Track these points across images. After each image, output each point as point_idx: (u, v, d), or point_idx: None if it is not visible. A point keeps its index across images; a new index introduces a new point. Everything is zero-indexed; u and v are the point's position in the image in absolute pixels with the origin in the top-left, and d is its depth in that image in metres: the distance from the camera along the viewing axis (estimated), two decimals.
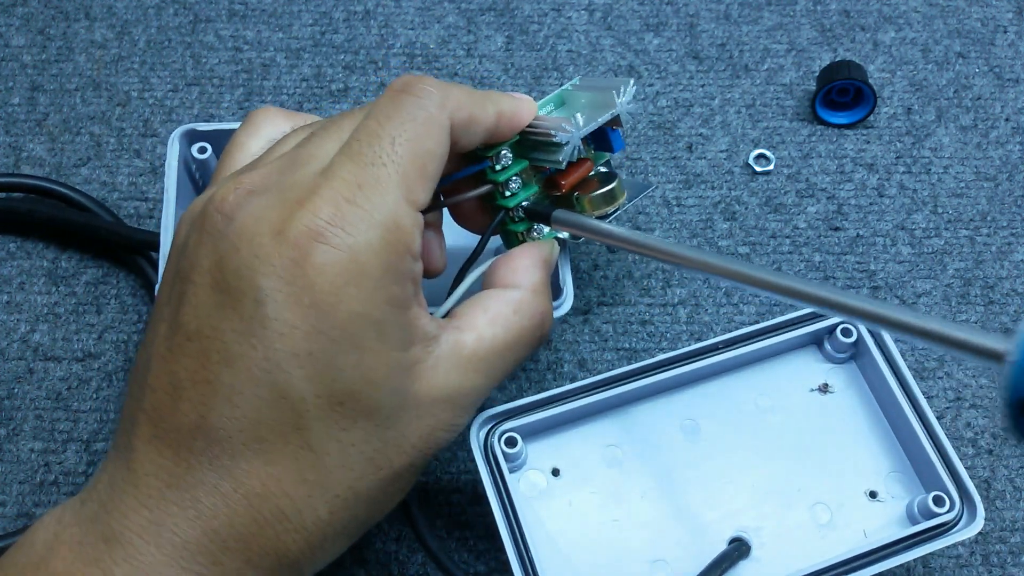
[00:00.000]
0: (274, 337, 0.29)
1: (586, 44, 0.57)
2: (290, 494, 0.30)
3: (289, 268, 0.29)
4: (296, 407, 0.29)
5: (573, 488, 0.39)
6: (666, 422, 0.40)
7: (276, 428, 0.29)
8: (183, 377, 0.30)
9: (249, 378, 0.29)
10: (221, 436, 0.29)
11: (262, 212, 0.30)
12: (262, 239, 0.29)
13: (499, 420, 0.38)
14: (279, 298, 0.29)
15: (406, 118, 0.32)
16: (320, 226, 0.29)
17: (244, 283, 0.29)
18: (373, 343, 0.30)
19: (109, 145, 0.52)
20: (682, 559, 0.38)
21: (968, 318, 0.49)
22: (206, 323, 0.30)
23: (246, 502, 0.29)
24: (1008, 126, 0.55)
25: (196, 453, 0.29)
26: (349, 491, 0.31)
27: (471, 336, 0.33)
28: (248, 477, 0.29)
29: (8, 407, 0.45)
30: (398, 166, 0.31)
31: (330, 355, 0.29)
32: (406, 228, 0.31)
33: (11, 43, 0.55)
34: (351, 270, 0.29)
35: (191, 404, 0.30)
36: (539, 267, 0.36)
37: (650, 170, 0.53)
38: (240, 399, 0.29)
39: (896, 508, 0.39)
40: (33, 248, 0.49)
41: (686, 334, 0.48)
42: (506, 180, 0.37)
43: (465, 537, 0.43)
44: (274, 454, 0.30)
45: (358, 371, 0.30)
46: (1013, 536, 0.44)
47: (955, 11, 0.59)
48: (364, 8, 0.57)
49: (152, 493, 0.30)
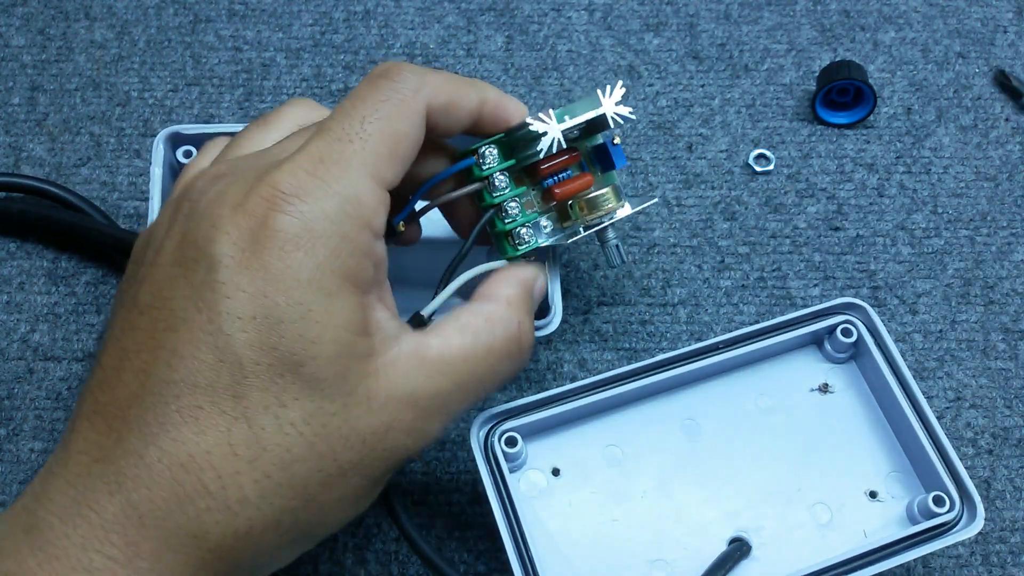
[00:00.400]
0: (220, 300, 0.28)
1: (586, 44, 0.57)
2: (216, 467, 0.28)
3: (244, 235, 0.29)
4: (234, 372, 0.28)
5: (573, 488, 0.39)
6: (666, 422, 0.40)
7: (212, 394, 0.28)
8: (130, 349, 0.30)
9: (191, 339, 0.28)
10: (155, 401, 0.28)
11: (225, 189, 0.30)
12: (221, 210, 0.30)
13: (499, 420, 0.38)
14: (230, 263, 0.29)
15: (379, 99, 0.32)
16: (278, 196, 0.29)
17: (200, 252, 0.29)
18: (321, 314, 0.29)
19: (109, 145, 0.52)
20: (682, 559, 0.38)
21: (968, 318, 0.49)
22: (159, 295, 0.30)
23: (169, 473, 0.28)
24: (1008, 126, 0.55)
25: (129, 422, 0.28)
26: (283, 473, 0.29)
27: (437, 340, 0.32)
28: (174, 446, 0.28)
29: (8, 407, 0.45)
30: (365, 143, 0.31)
31: (274, 320, 0.28)
32: (367, 203, 0.30)
33: (11, 43, 0.55)
34: (304, 236, 0.29)
35: (132, 373, 0.29)
36: (517, 284, 0.35)
37: (650, 170, 0.53)
38: (179, 362, 0.28)
39: (896, 508, 0.39)
40: (33, 248, 0.49)
41: (686, 334, 0.48)
42: (492, 177, 0.36)
43: (465, 537, 0.43)
44: (206, 423, 0.28)
45: (302, 342, 0.29)
46: (1013, 536, 0.44)
47: (955, 11, 0.59)
48: (364, 8, 0.57)
49: (80, 471, 0.29)
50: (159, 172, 0.44)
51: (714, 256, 0.50)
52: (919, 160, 0.54)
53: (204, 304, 0.29)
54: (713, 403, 0.41)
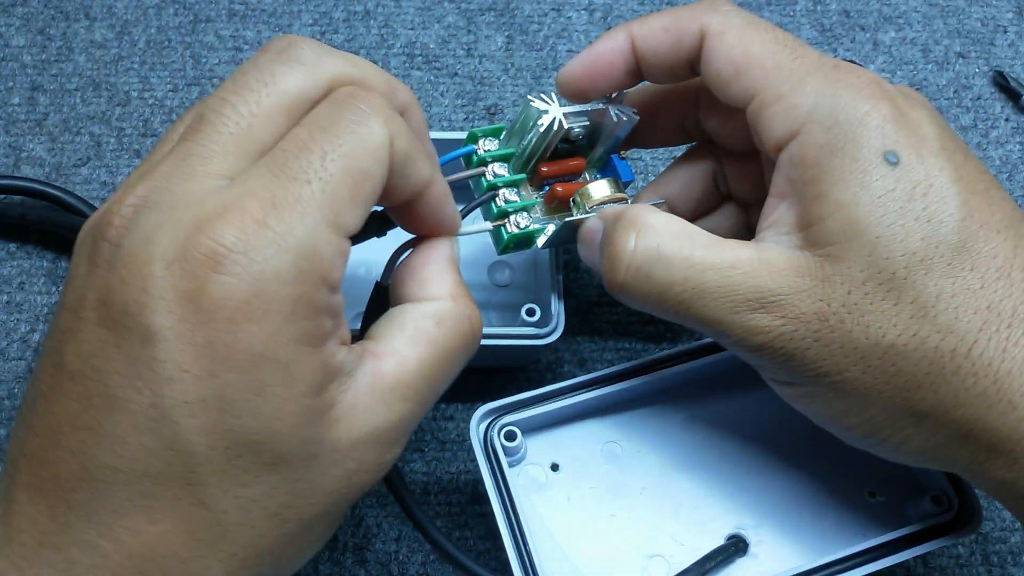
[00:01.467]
0: (162, 382, 0.25)
1: (586, 44, 0.57)
2: (179, 555, 0.26)
3: (182, 303, 0.25)
4: (187, 461, 0.26)
5: (572, 483, 0.39)
6: (666, 419, 0.40)
7: (164, 482, 0.26)
8: (63, 421, 0.27)
9: (134, 426, 0.26)
10: (102, 489, 0.26)
11: (152, 235, 0.26)
12: (152, 268, 0.25)
13: (499, 414, 0.38)
14: (169, 336, 0.25)
15: (343, 131, 0.28)
16: (220, 252, 0.25)
17: (131, 320, 0.25)
18: (277, 388, 0.26)
19: (109, 145, 0.52)
20: (680, 555, 0.38)
21: None
22: (88, 363, 0.26)
23: (129, 564, 0.26)
24: (1008, 126, 0.55)
25: (75, 507, 0.26)
26: (249, 549, 0.27)
27: (390, 362, 0.29)
28: (130, 536, 0.26)
29: (8, 407, 0.45)
30: (325, 183, 0.27)
31: (226, 402, 0.26)
32: (323, 256, 0.27)
33: (11, 43, 0.55)
34: (253, 304, 0.25)
35: (70, 452, 0.26)
36: (449, 270, 0.32)
37: (650, 170, 0.53)
38: (124, 449, 0.26)
39: (895, 508, 0.39)
40: (33, 249, 0.49)
41: (686, 333, 0.48)
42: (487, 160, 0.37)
43: (465, 537, 0.43)
44: (161, 512, 0.26)
45: (259, 420, 0.26)
46: (1013, 536, 0.44)
47: (955, 11, 0.59)
48: (364, 8, 0.58)
49: (25, 554, 0.26)
50: None
51: None
52: None
53: (143, 385, 0.25)
54: (713, 401, 0.41)
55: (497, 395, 0.39)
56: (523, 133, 0.36)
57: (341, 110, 0.28)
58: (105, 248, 0.27)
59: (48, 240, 0.49)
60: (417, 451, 0.45)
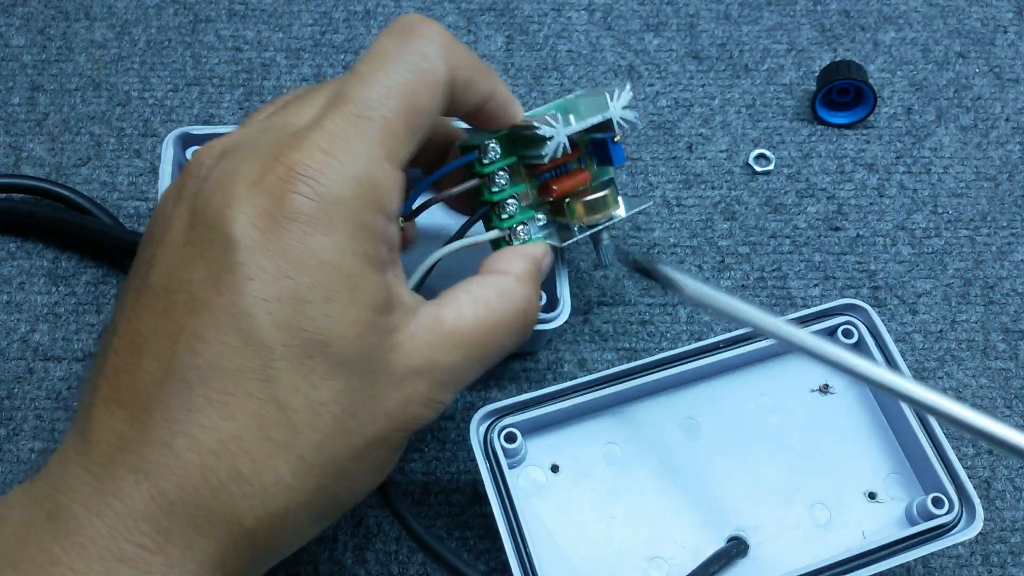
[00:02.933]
0: (242, 282, 0.27)
1: (586, 44, 0.57)
2: (249, 452, 0.28)
3: (261, 215, 0.28)
4: (262, 355, 0.28)
5: (572, 484, 0.39)
6: (666, 420, 0.40)
7: (240, 378, 0.28)
8: (146, 332, 0.28)
9: (214, 324, 0.27)
10: (180, 388, 0.27)
11: (237, 165, 0.29)
12: (236, 188, 0.28)
13: (499, 416, 0.38)
14: (249, 243, 0.28)
15: (404, 68, 0.30)
16: (293, 174, 0.28)
17: (215, 232, 0.28)
18: (344, 295, 0.28)
19: (109, 145, 0.52)
20: (680, 557, 0.38)
21: (968, 318, 0.49)
22: (174, 277, 0.29)
23: (199, 460, 0.27)
24: (1008, 126, 0.55)
25: (152, 410, 0.28)
26: (317, 454, 0.29)
27: (452, 312, 0.32)
28: (204, 433, 0.27)
29: (8, 407, 0.45)
30: (384, 119, 0.30)
31: (299, 301, 0.28)
32: (381, 186, 0.30)
33: (11, 43, 0.55)
34: (321, 219, 0.28)
35: (152, 358, 0.28)
36: (525, 259, 0.35)
37: (650, 170, 0.53)
38: (203, 347, 0.27)
39: (895, 509, 0.39)
40: (33, 248, 0.49)
41: (686, 334, 0.48)
42: (492, 174, 0.36)
43: (465, 537, 0.43)
44: (236, 407, 0.27)
45: (328, 322, 0.28)
46: (1013, 536, 0.44)
47: (955, 11, 0.59)
48: (364, 8, 0.57)
49: (102, 460, 0.28)
50: (168, 171, 0.44)
51: (714, 256, 0.50)
52: (919, 160, 0.54)
53: (225, 286, 0.28)
54: (713, 402, 0.41)
55: (497, 396, 0.39)
56: (525, 147, 0.36)
57: (402, 44, 0.31)
58: (192, 183, 0.30)
59: (49, 240, 0.49)
60: (417, 451, 0.45)
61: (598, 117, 0.36)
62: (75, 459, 0.28)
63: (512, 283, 0.34)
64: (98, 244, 0.49)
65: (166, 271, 0.29)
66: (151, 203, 0.51)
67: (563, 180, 0.37)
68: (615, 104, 0.36)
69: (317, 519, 0.31)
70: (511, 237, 0.37)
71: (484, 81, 0.33)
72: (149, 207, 0.51)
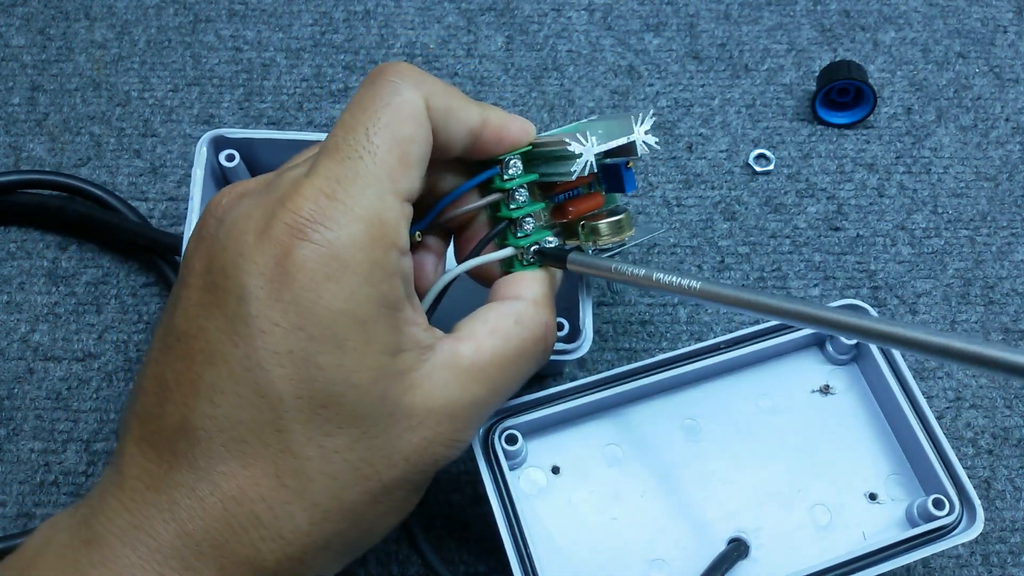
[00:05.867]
0: (255, 335, 0.28)
1: (586, 44, 0.57)
2: (267, 499, 0.29)
3: (271, 265, 0.29)
4: (276, 407, 0.29)
5: (573, 486, 0.39)
6: (667, 422, 0.40)
7: (255, 429, 0.29)
8: (169, 378, 0.30)
9: (230, 376, 0.29)
10: (201, 437, 0.29)
11: (249, 211, 0.30)
12: (247, 237, 0.29)
13: (500, 417, 0.38)
14: (261, 295, 0.28)
15: (380, 105, 0.31)
16: (301, 223, 0.29)
17: (229, 282, 0.29)
18: (357, 343, 0.29)
19: (109, 145, 0.52)
20: (681, 559, 0.38)
21: (968, 318, 0.49)
22: (193, 323, 0.30)
23: (221, 506, 0.29)
24: (1008, 126, 0.55)
25: (177, 455, 0.29)
26: (332, 501, 0.30)
27: (469, 346, 0.32)
28: (225, 480, 0.29)
29: (8, 407, 0.45)
30: (375, 156, 0.30)
31: (311, 354, 0.28)
32: (390, 221, 0.30)
33: (11, 43, 0.55)
34: (332, 266, 0.29)
35: (175, 405, 0.29)
36: (541, 281, 0.35)
37: (650, 170, 0.53)
38: (221, 398, 0.29)
39: (896, 510, 0.39)
40: (33, 248, 0.49)
41: (686, 334, 0.48)
42: (512, 190, 0.36)
43: (465, 537, 0.43)
44: (252, 456, 0.29)
45: (340, 372, 0.29)
46: (1013, 536, 0.44)
47: (955, 11, 0.59)
48: (364, 8, 0.57)
49: (135, 496, 0.29)
50: (200, 174, 0.44)
51: (714, 256, 0.50)
52: (919, 160, 0.54)
53: (240, 339, 0.28)
54: (714, 403, 0.41)
55: None
56: (546, 164, 0.36)
57: (374, 88, 0.31)
58: (211, 223, 0.31)
59: (49, 240, 0.49)
60: None
61: (622, 139, 0.35)
62: (112, 492, 0.30)
63: (530, 309, 0.34)
64: (130, 243, 0.48)
65: (186, 316, 0.30)
66: (151, 203, 0.51)
67: (579, 202, 0.37)
68: (639, 128, 0.35)
69: (338, 557, 0.32)
70: (523, 256, 0.37)
71: (468, 109, 0.33)
72: (148, 207, 0.51)
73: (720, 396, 0.41)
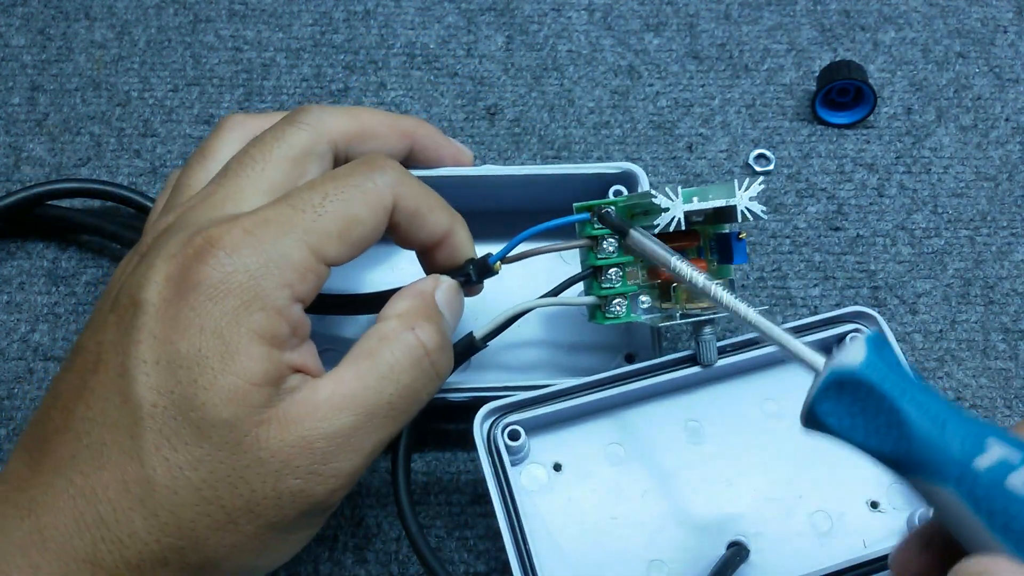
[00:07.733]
0: (133, 343, 0.30)
1: (586, 44, 0.57)
2: (112, 501, 0.29)
3: (168, 284, 0.30)
4: (135, 413, 0.29)
5: (574, 484, 0.39)
6: (670, 423, 0.40)
7: (114, 432, 0.30)
8: (62, 389, 0.31)
9: (106, 382, 0.30)
10: (71, 438, 0.30)
11: (167, 240, 0.31)
12: (157, 261, 0.31)
13: (503, 413, 0.38)
14: (151, 309, 0.30)
15: (349, 183, 0.32)
16: (206, 247, 0.30)
17: (131, 298, 0.31)
18: (216, 364, 0.29)
19: (109, 145, 0.52)
20: (680, 560, 0.38)
21: (968, 318, 0.49)
22: (92, 338, 0.31)
23: (72, 502, 0.29)
24: (1008, 126, 0.55)
25: (46, 455, 0.30)
26: (171, 516, 0.29)
27: (328, 380, 0.31)
28: (81, 478, 0.30)
29: (8, 407, 0.45)
30: (318, 216, 0.31)
31: (173, 367, 0.29)
32: (293, 263, 0.31)
33: (11, 43, 0.55)
34: (220, 289, 0.30)
35: (58, 411, 0.31)
36: (410, 296, 0.34)
37: (650, 170, 0.53)
38: (94, 401, 0.30)
39: (897, 519, 0.39)
40: (33, 248, 0.49)
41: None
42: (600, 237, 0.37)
43: (465, 537, 0.43)
44: (107, 459, 0.30)
45: (193, 388, 0.29)
46: None
47: (955, 11, 0.59)
48: (364, 8, 0.57)
49: (2, 498, 0.30)
50: None
51: None
52: (919, 160, 0.54)
53: (121, 347, 0.30)
54: (718, 406, 0.41)
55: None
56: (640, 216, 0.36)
57: (355, 168, 0.33)
58: (135, 260, 0.33)
59: (49, 240, 0.49)
60: (417, 451, 0.45)
61: (721, 201, 0.35)
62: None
63: (393, 325, 0.33)
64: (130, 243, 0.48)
65: (88, 333, 0.32)
66: (151, 203, 0.51)
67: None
68: (742, 192, 0.35)
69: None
70: (605, 308, 0.37)
71: (439, 217, 0.35)
72: (149, 207, 0.50)
73: (725, 399, 0.41)
